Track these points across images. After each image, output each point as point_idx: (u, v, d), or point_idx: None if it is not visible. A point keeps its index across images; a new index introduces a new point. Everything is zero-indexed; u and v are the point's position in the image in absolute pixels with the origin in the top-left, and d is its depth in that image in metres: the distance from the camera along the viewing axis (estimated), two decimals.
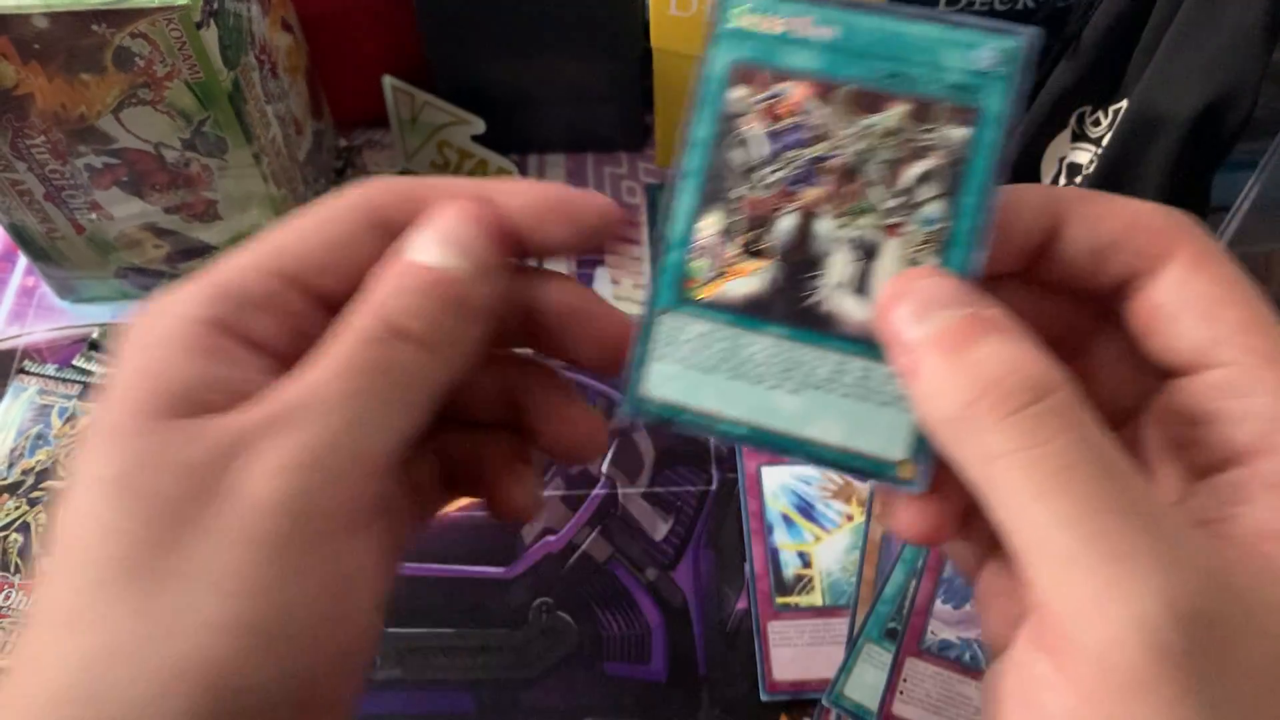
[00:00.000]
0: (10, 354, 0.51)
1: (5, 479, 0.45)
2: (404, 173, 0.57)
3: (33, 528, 0.43)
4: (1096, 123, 0.48)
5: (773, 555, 0.43)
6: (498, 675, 0.41)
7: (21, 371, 0.48)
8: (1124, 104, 0.45)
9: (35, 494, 0.44)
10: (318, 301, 0.25)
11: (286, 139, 0.49)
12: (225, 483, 0.21)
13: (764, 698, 0.40)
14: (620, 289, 0.53)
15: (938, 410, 0.22)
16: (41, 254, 0.49)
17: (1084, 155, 0.48)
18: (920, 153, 0.24)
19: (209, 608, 0.20)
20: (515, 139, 0.57)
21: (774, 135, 0.25)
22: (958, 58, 0.24)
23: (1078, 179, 0.48)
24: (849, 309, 0.24)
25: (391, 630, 0.43)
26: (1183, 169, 0.44)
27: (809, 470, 0.45)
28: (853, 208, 0.24)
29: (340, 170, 0.58)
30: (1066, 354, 0.27)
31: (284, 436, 0.21)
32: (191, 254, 0.50)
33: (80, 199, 0.46)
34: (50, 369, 0.48)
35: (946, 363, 0.21)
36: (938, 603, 0.41)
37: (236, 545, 0.21)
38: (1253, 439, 0.22)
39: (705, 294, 0.25)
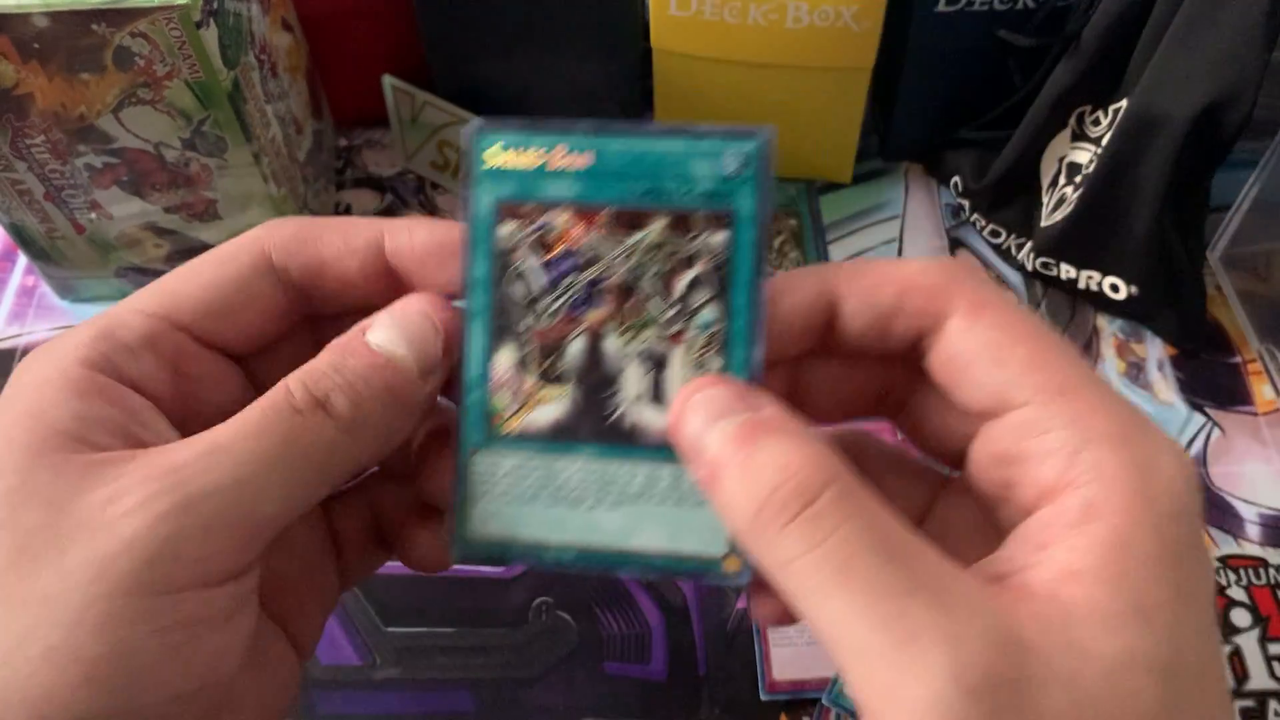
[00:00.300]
0: (10, 354, 0.51)
1: None
2: (401, 174, 0.57)
3: None
4: (1096, 122, 0.48)
5: None
6: (498, 675, 0.41)
7: None
8: (1124, 103, 0.45)
9: None
10: (204, 343, 0.25)
11: (286, 139, 0.49)
12: (91, 517, 0.21)
13: (764, 697, 0.40)
14: None
15: (734, 522, 0.22)
16: (41, 253, 0.49)
17: (1084, 155, 0.48)
18: (687, 261, 0.25)
19: (49, 638, 0.20)
20: None
21: (549, 265, 0.25)
22: (706, 167, 0.25)
23: (1078, 178, 0.48)
24: (649, 419, 0.25)
25: (391, 630, 0.43)
26: (1183, 169, 0.44)
27: None
28: (635, 323, 0.25)
29: (340, 170, 0.58)
30: (890, 410, 0.28)
31: (164, 480, 0.21)
32: (192, 253, 0.49)
33: (80, 198, 0.46)
34: None
35: (733, 473, 0.22)
36: None
37: (88, 579, 0.21)
38: (1054, 475, 0.22)
39: (512, 427, 0.26)
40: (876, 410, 0.28)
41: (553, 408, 0.26)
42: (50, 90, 0.41)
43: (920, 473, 0.28)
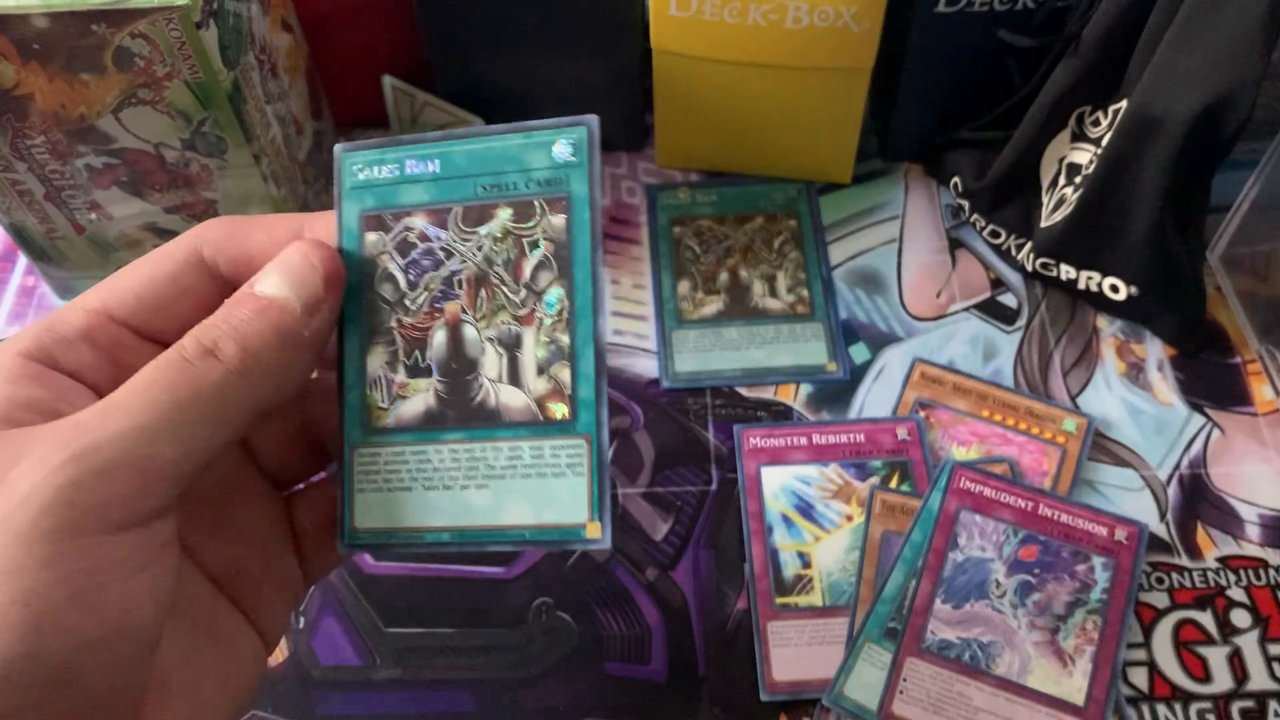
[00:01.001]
0: None
1: None
2: None
3: None
4: (1096, 123, 0.48)
5: (772, 555, 0.43)
6: (498, 675, 0.41)
7: None
8: (1124, 104, 0.45)
9: None
10: (142, 334, 0.27)
11: (286, 139, 0.49)
12: (5, 480, 0.22)
13: (764, 698, 0.40)
14: (620, 289, 0.53)
15: None
16: (41, 254, 0.50)
17: (1084, 155, 0.48)
18: (531, 246, 0.27)
19: None
20: None
21: (409, 266, 0.27)
22: (541, 157, 0.27)
23: (1077, 179, 0.48)
24: (508, 399, 0.27)
25: (391, 630, 0.43)
26: (1183, 169, 0.44)
27: (809, 470, 0.45)
28: (490, 309, 0.27)
29: None
30: None
31: (62, 437, 0.23)
32: None
33: (80, 199, 0.46)
34: None
35: None
36: (937, 602, 0.41)
37: None
38: None
39: (386, 421, 0.28)
40: None
41: (421, 398, 0.27)
42: (50, 91, 0.41)
43: None
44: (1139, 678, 0.41)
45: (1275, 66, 0.46)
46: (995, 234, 0.53)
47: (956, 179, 0.54)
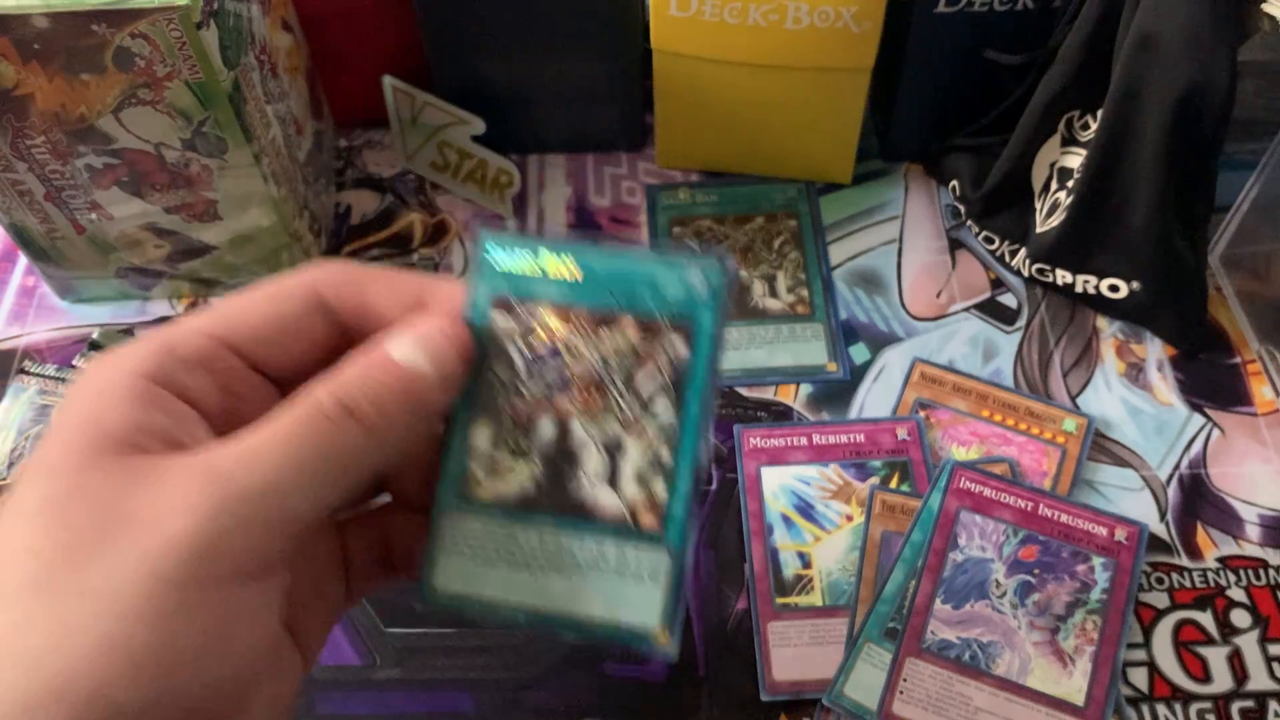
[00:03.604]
0: (10, 354, 0.51)
1: (5, 479, 0.45)
2: (401, 175, 0.57)
3: None
4: (1086, 126, 0.48)
5: (772, 555, 0.43)
6: (498, 675, 0.41)
7: (22, 371, 0.48)
8: None
9: None
10: (253, 367, 0.28)
11: (287, 139, 0.49)
12: (140, 514, 0.23)
13: (764, 698, 0.40)
14: None
15: None
16: (42, 254, 0.50)
17: (1074, 159, 0.48)
18: (651, 363, 0.28)
19: (103, 628, 0.22)
20: (515, 139, 0.57)
21: (530, 354, 0.29)
22: (676, 284, 0.28)
23: (1069, 183, 0.48)
24: (603, 499, 0.28)
25: (391, 630, 0.43)
26: (1175, 163, 0.44)
27: (809, 470, 0.45)
28: (600, 411, 0.28)
29: (341, 170, 0.58)
30: None
31: (207, 482, 0.23)
32: (192, 254, 0.50)
33: (80, 199, 0.46)
34: (50, 369, 0.48)
35: None
36: (937, 602, 0.41)
37: (139, 573, 0.22)
38: None
39: (482, 494, 0.29)
40: None
41: (518, 480, 0.29)
42: (50, 91, 0.41)
43: None
44: (1139, 678, 0.41)
45: (1275, 67, 0.46)
46: (989, 239, 0.53)
47: (955, 182, 0.54)
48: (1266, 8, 0.41)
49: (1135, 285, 0.48)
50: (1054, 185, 0.49)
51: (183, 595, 0.22)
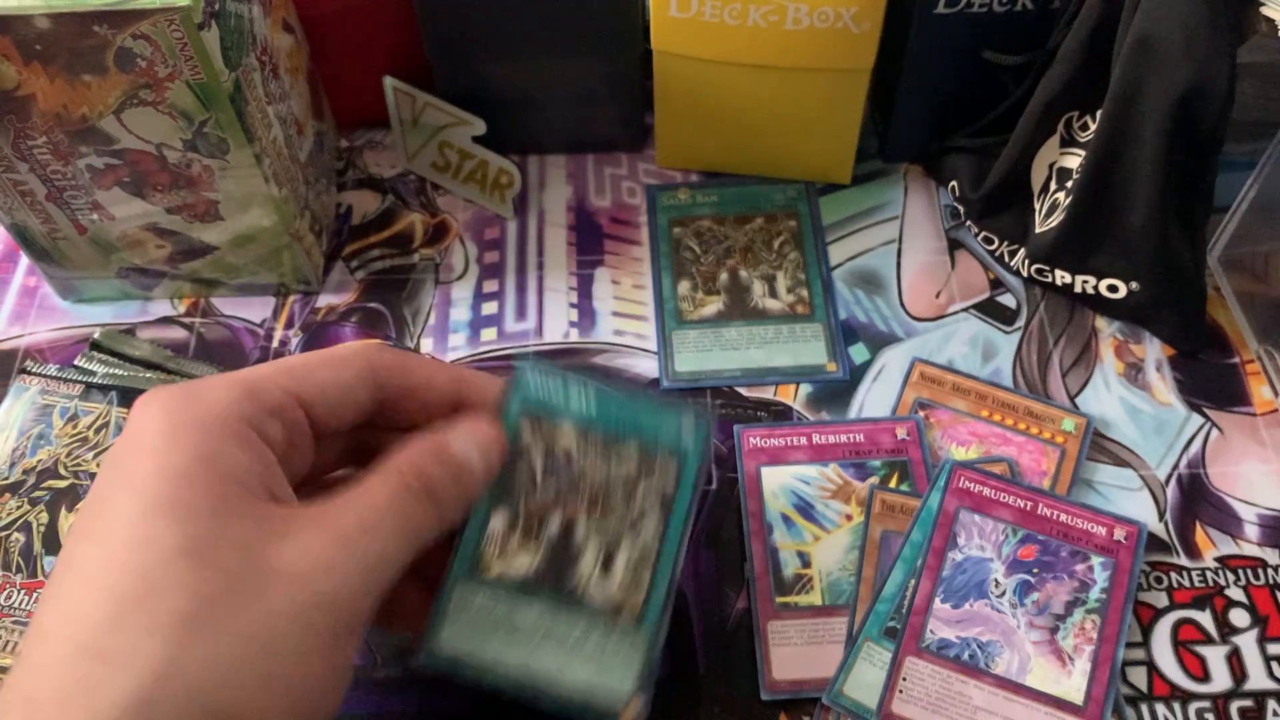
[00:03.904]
0: (12, 354, 0.51)
1: (7, 479, 0.45)
2: (402, 175, 0.57)
3: (34, 527, 0.43)
4: (1085, 127, 0.48)
5: (772, 555, 0.43)
6: None
7: (23, 371, 0.48)
8: None
9: (36, 494, 0.44)
10: (311, 422, 0.31)
11: (288, 140, 0.49)
12: (289, 569, 0.27)
13: (764, 697, 0.40)
14: (620, 289, 0.53)
15: None
16: (43, 254, 0.50)
17: (1073, 160, 0.48)
18: (645, 484, 0.35)
19: (266, 667, 0.25)
20: (516, 140, 0.57)
21: (548, 462, 0.35)
22: (671, 427, 0.35)
23: (1068, 183, 0.48)
24: (595, 590, 0.34)
25: (392, 630, 0.43)
26: (1174, 163, 0.44)
27: (809, 470, 0.45)
28: (601, 515, 0.34)
29: (342, 171, 0.58)
30: None
31: (342, 547, 0.28)
32: (193, 254, 0.50)
33: (82, 199, 0.46)
34: (52, 369, 0.48)
35: None
36: (937, 602, 0.41)
37: (294, 623, 0.26)
38: None
39: (491, 571, 0.33)
40: None
41: (525, 563, 0.34)
42: (52, 91, 0.41)
43: None
44: (1138, 677, 0.41)
45: (1275, 67, 0.46)
46: (989, 240, 0.53)
47: (954, 183, 0.54)
48: (1265, 9, 0.41)
49: (1134, 285, 0.48)
50: (1053, 186, 0.49)
51: (324, 641, 0.27)
